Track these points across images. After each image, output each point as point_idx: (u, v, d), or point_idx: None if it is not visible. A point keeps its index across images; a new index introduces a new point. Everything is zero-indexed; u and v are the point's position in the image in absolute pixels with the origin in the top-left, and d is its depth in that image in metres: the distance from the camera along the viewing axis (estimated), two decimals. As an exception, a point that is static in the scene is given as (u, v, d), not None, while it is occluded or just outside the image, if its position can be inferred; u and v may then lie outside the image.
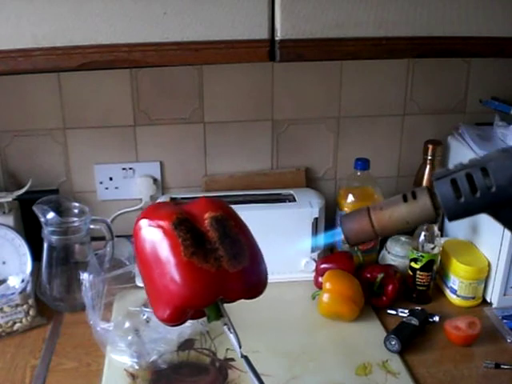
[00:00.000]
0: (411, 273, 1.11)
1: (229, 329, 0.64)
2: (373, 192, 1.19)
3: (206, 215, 0.63)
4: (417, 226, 0.66)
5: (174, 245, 0.60)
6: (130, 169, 1.29)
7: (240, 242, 0.63)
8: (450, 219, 0.63)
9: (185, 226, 0.61)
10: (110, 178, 1.29)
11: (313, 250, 1.17)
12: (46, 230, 1.06)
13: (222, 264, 0.61)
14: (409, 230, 0.97)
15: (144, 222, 0.63)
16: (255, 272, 0.64)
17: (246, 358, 0.63)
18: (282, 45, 0.84)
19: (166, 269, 0.60)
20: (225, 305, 0.65)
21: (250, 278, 0.63)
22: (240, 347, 0.63)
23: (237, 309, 0.69)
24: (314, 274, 1.15)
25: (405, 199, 0.64)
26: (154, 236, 0.61)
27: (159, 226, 0.61)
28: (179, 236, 0.60)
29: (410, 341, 0.99)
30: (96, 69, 0.86)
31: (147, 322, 1.00)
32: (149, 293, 0.64)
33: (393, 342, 0.97)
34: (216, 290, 0.61)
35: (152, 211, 0.65)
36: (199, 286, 0.60)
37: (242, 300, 0.65)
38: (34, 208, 1.06)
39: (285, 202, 1.21)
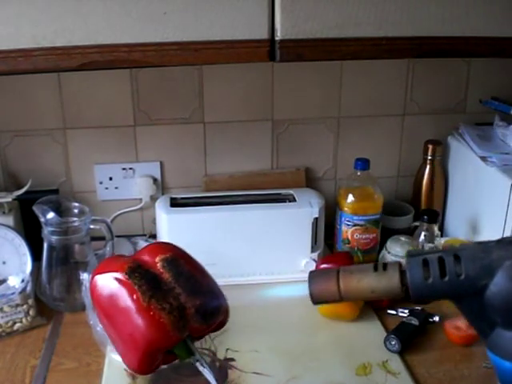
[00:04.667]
0: (411, 273, 1.11)
1: (202, 364, 0.65)
2: (373, 192, 1.19)
3: (157, 259, 0.65)
4: (381, 298, 0.66)
5: (131, 292, 0.62)
6: (130, 169, 1.29)
7: (194, 278, 0.65)
8: (413, 297, 0.63)
9: (138, 273, 0.63)
10: (110, 178, 1.29)
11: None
12: (46, 230, 1.06)
13: (181, 301, 0.62)
14: (372, 300, 0.96)
15: (98, 278, 0.64)
16: (214, 304, 0.66)
17: None
18: (282, 45, 0.84)
19: (127, 317, 0.61)
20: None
21: (211, 311, 0.65)
22: (217, 381, 0.65)
23: (237, 309, 0.69)
24: (314, 274, 1.15)
25: (375, 269, 0.64)
26: (110, 288, 0.63)
27: (113, 278, 0.63)
28: (134, 283, 0.62)
29: (410, 341, 0.99)
30: (96, 69, 0.86)
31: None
32: (115, 345, 0.65)
33: (393, 342, 0.97)
34: (180, 326, 0.62)
35: (103, 266, 0.66)
36: (163, 326, 0.61)
37: (241, 303, 0.66)
38: (34, 208, 1.06)
39: (285, 202, 1.21)
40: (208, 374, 0.65)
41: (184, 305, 0.62)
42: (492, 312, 0.59)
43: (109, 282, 0.63)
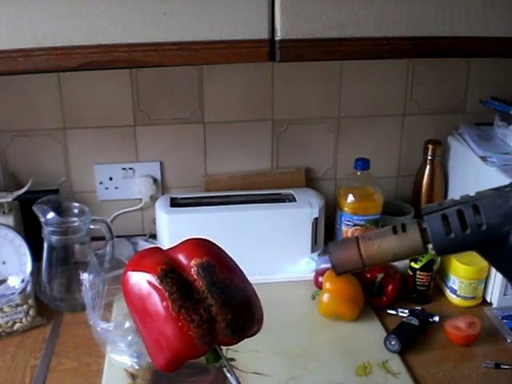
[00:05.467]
0: (411, 273, 1.11)
1: (228, 371, 0.64)
2: (373, 192, 1.19)
3: (192, 262, 0.62)
4: (404, 259, 0.66)
5: (162, 299, 0.60)
6: (130, 169, 1.29)
7: (228, 288, 0.62)
8: (439, 254, 0.63)
9: (171, 278, 0.60)
10: (110, 178, 1.29)
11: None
12: (46, 230, 1.06)
13: (211, 314, 0.61)
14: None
15: (130, 275, 0.62)
16: (246, 318, 0.64)
17: None
18: (281, 45, 0.84)
19: (156, 322, 0.60)
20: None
21: (242, 326, 0.63)
22: None
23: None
24: (314, 274, 1.15)
25: (394, 231, 0.64)
26: (141, 289, 0.61)
27: (145, 280, 0.61)
28: (165, 290, 0.60)
29: (410, 341, 0.99)
30: (96, 69, 0.86)
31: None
32: (143, 340, 0.64)
33: (393, 342, 0.97)
34: (208, 341, 0.61)
35: (137, 262, 0.64)
36: (191, 339, 0.60)
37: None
38: (34, 208, 1.06)
39: (285, 201, 1.21)
40: (234, 381, 0.64)
41: (215, 317, 0.60)
42: None
43: (140, 282, 0.61)
